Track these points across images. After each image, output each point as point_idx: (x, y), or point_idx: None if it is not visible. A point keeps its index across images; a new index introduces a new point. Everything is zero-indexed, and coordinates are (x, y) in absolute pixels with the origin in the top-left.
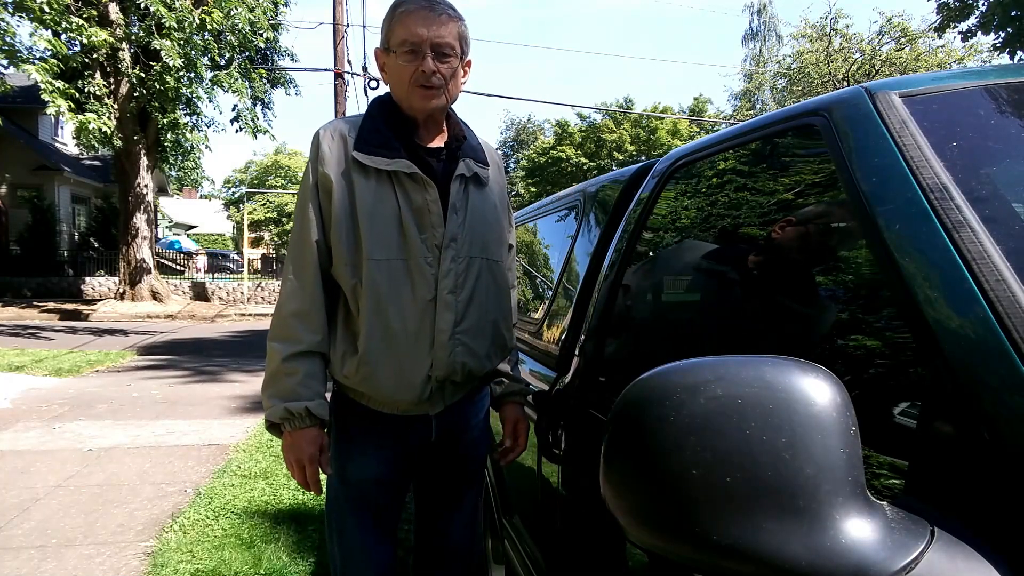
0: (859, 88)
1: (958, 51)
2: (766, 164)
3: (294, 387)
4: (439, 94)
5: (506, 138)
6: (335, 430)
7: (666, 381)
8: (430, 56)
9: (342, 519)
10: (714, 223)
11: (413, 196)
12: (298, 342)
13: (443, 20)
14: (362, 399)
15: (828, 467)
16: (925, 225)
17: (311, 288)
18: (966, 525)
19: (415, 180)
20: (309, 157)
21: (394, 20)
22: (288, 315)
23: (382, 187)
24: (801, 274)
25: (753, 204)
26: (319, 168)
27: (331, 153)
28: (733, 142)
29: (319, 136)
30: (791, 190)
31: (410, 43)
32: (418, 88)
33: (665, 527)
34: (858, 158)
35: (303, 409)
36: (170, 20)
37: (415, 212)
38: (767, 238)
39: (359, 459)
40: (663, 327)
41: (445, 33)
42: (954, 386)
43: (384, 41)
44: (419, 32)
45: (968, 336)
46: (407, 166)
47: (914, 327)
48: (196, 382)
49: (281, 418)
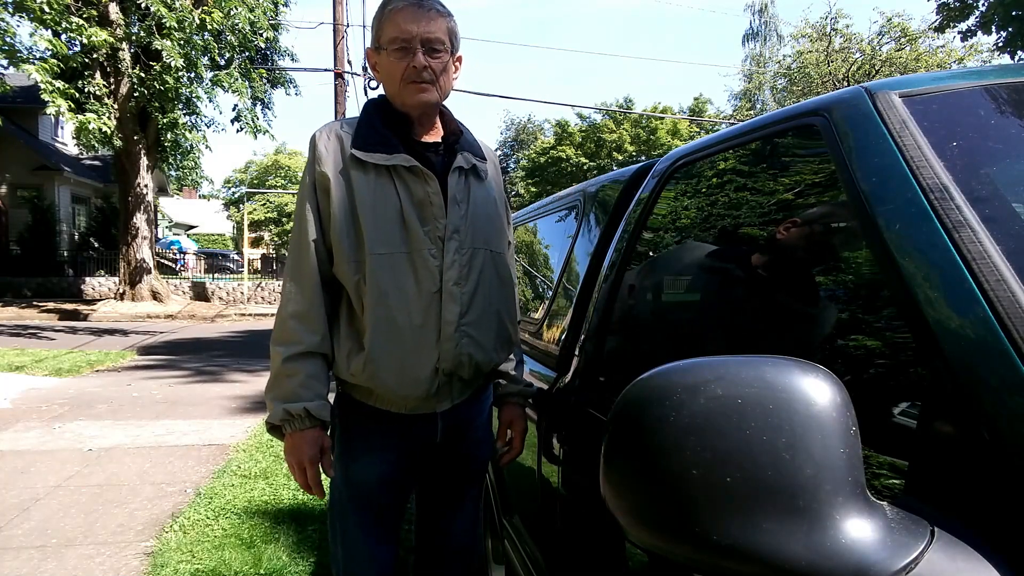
0: (859, 88)
1: (958, 51)
2: (766, 164)
3: (295, 388)
4: (431, 88)
5: (506, 138)
6: (339, 430)
7: (666, 381)
8: (420, 52)
9: (345, 519)
10: (714, 223)
11: (414, 189)
12: (298, 343)
13: (432, 16)
14: (368, 398)
15: (828, 467)
16: (925, 225)
17: (310, 289)
18: (966, 525)
19: (415, 173)
20: (307, 160)
21: (384, 18)
22: (287, 317)
23: (381, 182)
24: (801, 274)
25: (753, 204)
26: (316, 168)
27: (328, 153)
28: (733, 142)
29: (315, 137)
30: (791, 190)
31: (400, 40)
32: (410, 84)
33: (665, 527)
34: (858, 158)
35: (302, 410)
36: (170, 20)
37: (416, 205)
38: (767, 238)
39: (364, 460)
40: (663, 327)
41: (435, 28)
42: (954, 386)
43: (375, 40)
44: (409, 28)
45: (968, 336)
46: (406, 160)
47: (914, 327)
48: (196, 382)
49: (281, 420)
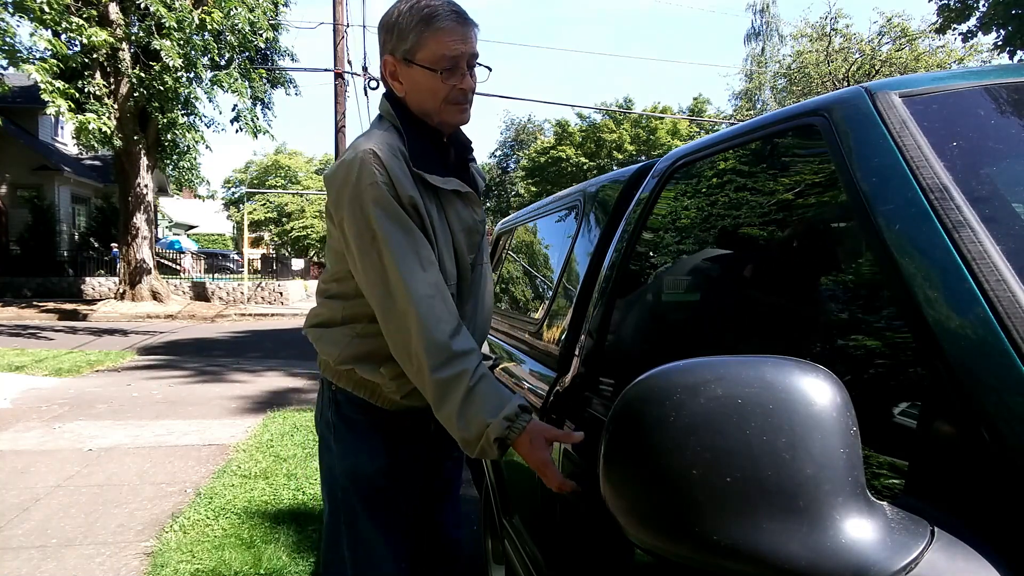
0: (859, 88)
1: (958, 51)
2: (766, 164)
3: (497, 395)
4: (469, 107)
5: (506, 138)
6: (341, 430)
7: (666, 381)
8: (468, 73)
9: (355, 521)
10: (714, 223)
11: (463, 215)
12: (470, 356)
13: (474, 31)
14: (372, 397)
15: (828, 467)
16: (926, 225)
17: (448, 303)
18: (966, 525)
19: (466, 199)
20: (367, 175)
21: (428, 34)
22: (447, 337)
23: (433, 206)
24: (801, 274)
25: (753, 204)
26: (396, 186)
27: (402, 172)
28: (733, 142)
29: (378, 154)
30: (791, 190)
31: (449, 59)
32: (453, 105)
33: (665, 527)
34: (858, 158)
35: (516, 408)
36: (170, 20)
37: (466, 232)
38: (767, 238)
39: (370, 456)
40: (663, 327)
41: (475, 44)
42: (954, 386)
43: (406, 52)
44: (459, 48)
45: (968, 336)
46: (460, 184)
47: (914, 327)
48: (196, 382)
49: (505, 429)
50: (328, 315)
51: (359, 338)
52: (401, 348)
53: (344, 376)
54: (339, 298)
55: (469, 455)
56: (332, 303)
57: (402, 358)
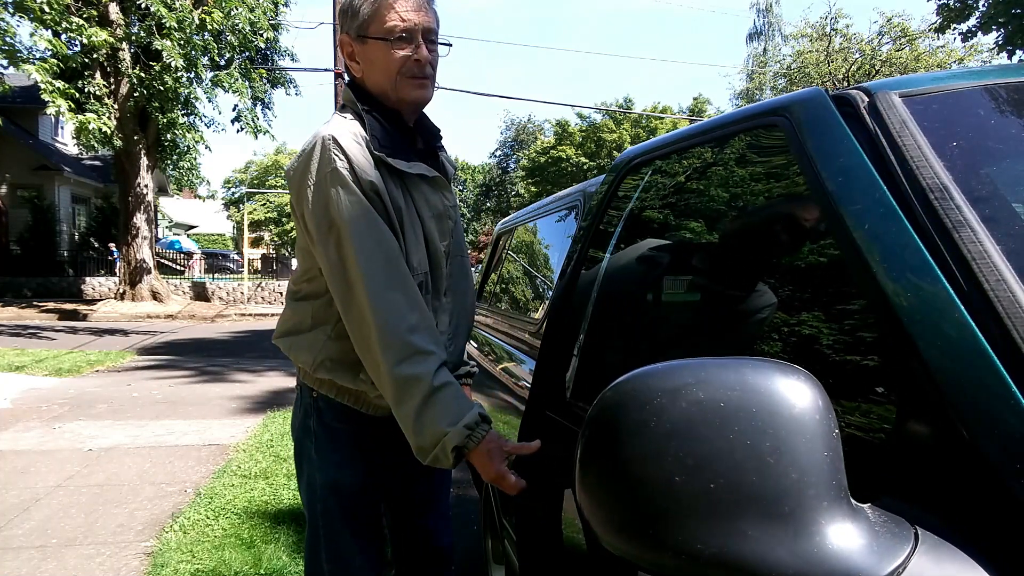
0: (818, 89)
1: (958, 51)
2: (736, 162)
3: (457, 402)
4: (429, 84)
5: (506, 138)
6: (323, 439)
7: (645, 385)
8: (423, 44)
9: (334, 529)
10: (694, 221)
11: (432, 201)
12: (431, 357)
13: (430, 4)
14: (356, 403)
15: (812, 471)
16: (895, 224)
17: (413, 298)
18: (946, 524)
19: (434, 184)
20: (326, 163)
21: (377, 4)
22: (405, 332)
23: (399, 192)
24: (791, 276)
25: (728, 203)
26: (360, 175)
27: (363, 158)
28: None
29: (337, 139)
30: (774, 188)
31: (402, 29)
32: (410, 79)
33: (646, 536)
34: (822, 158)
35: (476, 417)
36: (170, 20)
37: (436, 219)
38: (753, 238)
39: (351, 464)
40: (661, 327)
41: (432, 18)
42: (932, 386)
43: (359, 27)
44: (412, 18)
45: (943, 334)
46: (426, 169)
47: (886, 326)
48: (196, 382)
49: (465, 439)
50: (296, 320)
51: (331, 340)
52: (361, 341)
53: (326, 383)
54: (310, 298)
55: (421, 461)
56: (301, 306)
57: (362, 352)
